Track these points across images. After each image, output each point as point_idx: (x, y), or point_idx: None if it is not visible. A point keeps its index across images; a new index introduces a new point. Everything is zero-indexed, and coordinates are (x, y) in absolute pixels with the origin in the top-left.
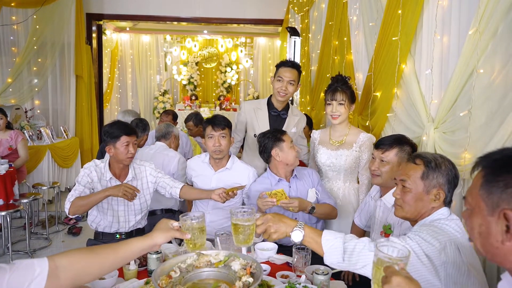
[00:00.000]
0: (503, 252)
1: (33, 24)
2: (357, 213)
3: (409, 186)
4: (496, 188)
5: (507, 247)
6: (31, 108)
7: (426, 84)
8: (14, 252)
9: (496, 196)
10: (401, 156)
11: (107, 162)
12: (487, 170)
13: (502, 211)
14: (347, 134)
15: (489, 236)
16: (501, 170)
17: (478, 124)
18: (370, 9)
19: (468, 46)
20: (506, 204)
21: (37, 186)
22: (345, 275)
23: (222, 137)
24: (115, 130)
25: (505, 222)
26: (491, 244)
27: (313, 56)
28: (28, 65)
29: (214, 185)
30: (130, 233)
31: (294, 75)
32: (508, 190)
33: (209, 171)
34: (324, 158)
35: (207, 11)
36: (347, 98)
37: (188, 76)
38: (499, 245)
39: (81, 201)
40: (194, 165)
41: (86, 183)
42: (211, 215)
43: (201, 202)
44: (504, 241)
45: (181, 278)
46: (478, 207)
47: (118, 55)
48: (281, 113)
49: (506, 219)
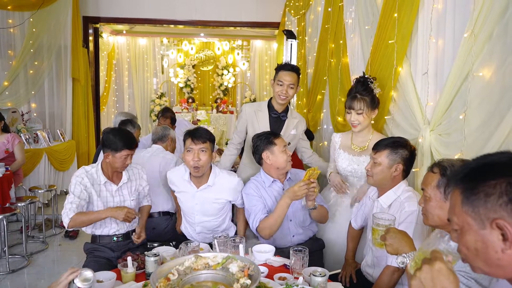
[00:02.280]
0: (506, 262)
1: (29, 27)
2: (354, 215)
3: (428, 195)
4: (478, 201)
5: (508, 255)
6: (27, 111)
7: (422, 86)
8: (11, 255)
9: (481, 208)
10: (393, 158)
11: (99, 166)
12: (463, 187)
13: (493, 221)
14: (370, 139)
15: (488, 250)
16: (476, 182)
17: (473, 126)
18: (366, 12)
19: (463, 48)
20: (494, 213)
21: (34, 190)
22: (343, 277)
23: (202, 151)
24: (118, 142)
25: (499, 231)
26: (492, 257)
27: (310, 58)
28: (24, 68)
29: (198, 202)
30: (127, 234)
31: (294, 79)
32: (490, 199)
33: (190, 189)
34: (346, 163)
35: (203, 14)
36: (366, 105)
37: (185, 79)
38: (500, 256)
39: (81, 217)
40: (175, 180)
41: (80, 192)
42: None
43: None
44: (504, 250)
45: (179, 280)
46: (467, 225)
47: (114, 58)
48: (281, 115)
49: (499, 228)
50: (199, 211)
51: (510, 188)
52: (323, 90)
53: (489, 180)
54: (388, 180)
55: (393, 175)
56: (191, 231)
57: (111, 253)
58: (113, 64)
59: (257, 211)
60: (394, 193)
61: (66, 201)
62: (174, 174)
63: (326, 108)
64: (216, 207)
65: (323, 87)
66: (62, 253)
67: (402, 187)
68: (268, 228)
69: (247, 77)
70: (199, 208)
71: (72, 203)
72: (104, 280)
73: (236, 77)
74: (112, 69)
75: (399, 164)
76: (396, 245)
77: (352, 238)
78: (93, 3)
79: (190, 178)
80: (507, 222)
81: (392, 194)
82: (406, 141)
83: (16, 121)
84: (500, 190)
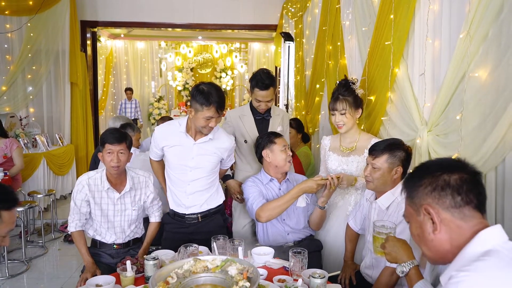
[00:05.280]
0: (438, 242)
1: (27, 31)
2: (352, 216)
3: None
4: (416, 193)
5: (439, 236)
6: (26, 116)
7: (419, 87)
8: (10, 261)
9: (417, 198)
10: (392, 162)
11: (104, 172)
12: (408, 184)
13: (422, 207)
14: (358, 140)
15: (424, 233)
16: (419, 178)
17: (470, 127)
18: (362, 14)
19: (459, 49)
20: (424, 201)
21: (33, 194)
22: (342, 279)
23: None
24: (103, 137)
25: (429, 216)
26: (427, 239)
27: (307, 60)
28: (22, 73)
29: (195, 156)
30: (127, 243)
31: (271, 94)
32: (425, 190)
33: (187, 142)
34: (335, 165)
35: (201, 17)
36: (349, 105)
37: (183, 82)
38: (432, 237)
39: (76, 240)
40: (167, 134)
41: (82, 201)
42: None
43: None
44: (433, 231)
45: (178, 283)
46: (410, 215)
47: (112, 62)
48: (265, 116)
49: (427, 213)
50: (193, 167)
51: (432, 179)
52: (321, 92)
53: (423, 179)
54: (389, 184)
55: (393, 178)
56: (181, 194)
57: (111, 260)
58: (111, 68)
59: (256, 197)
60: (392, 195)
61: (71, 206)
62: (165, 129)
63: (324, 109)
64: (212, 161)
65: (321, 89)
66: (62, 257)
67: (400, 188)
68: (269, 210)
69: (245, 80)
70: (194, 163)
71: (74, 214)
72: (103, 284)
73: (234, 80)
74: (110, 73)
75: (398, 166)
76: (394, 254)
77: (351, 239)
78: (90, 7)
79: (187, 131)
80: (431, 207)
81: (390, 195)
82: (401, 141)
83: (15, 126)
84: (426, 182)
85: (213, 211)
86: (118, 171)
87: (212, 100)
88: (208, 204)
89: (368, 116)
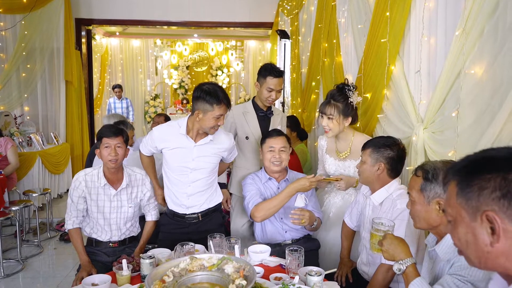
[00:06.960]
0: (495, 255)
1: (21, 30)
2: (347, 213)
3: (413, 199)
4: (472, 193)
5: (496, 249)
6: (20, 115)
7: (415, 85)
8: (5, 260)
9: (474, 200)
10: (375, 157)
11: (101, 169)
12: (459, 179)
13: (484, 213)
14: (352, 143)
15: (477, 242)
16: (472, 175)
17: (466, 123)
18: (358, 12)
19: (455, 47)
20: (485, 206)
21: (28, 193)
22: (339, 276)
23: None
24: (100, 132)
25: (489, 224)
26: (481, 250)
27: (303, 58)
28: (17, 71)
29: (195, 158)
30: (123, 241)
31: (281, 82)
32: (483, 192)
33: (187, 143)
34: (333, 169)
35: (197, 15)
36: (338, 111)
37: (179, 80)
38: (489, 249)
39: (73, 238)
40: (167, 136)
41: (78, 197)
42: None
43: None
44: (492, 243)
45: (174, 282)
46: (459, 216)
47: (108, 60)
48: (268, 113)
49: (488, 221)
50: (193, 168)
51: (504, 183)
52: (317, 90)
53: (485, 174)
54: (374, 179)
55: (376, 173)
56: (181, 195)
57: (107, 258)
58: (107, 66)
59: (253, 195)
60: (386, 191)
61: (67, 203)
62: (165, 130)
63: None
64: (212, 162)
65: (317, 87)
66: (57, 256)
67: (394, 185)
68: (263, 210)
69: (241, 78)
70: (194, 164)
71: (71, 211)
72: (99, 283)
73: (230, 78)
74: (105, 71)
75: (381, 163)
76: (392, 252)
77: (347, 236)
78: (85, 5)
79: (187, 133)
80: (497, 216)
81: (384, 192)
82: (393, 141)
83: (9, 125)
84: (494, 185)
85: (213, 210)
86: (116, 166)
87: (221, 97)
88: (209, 203)
89: (364, 114)
